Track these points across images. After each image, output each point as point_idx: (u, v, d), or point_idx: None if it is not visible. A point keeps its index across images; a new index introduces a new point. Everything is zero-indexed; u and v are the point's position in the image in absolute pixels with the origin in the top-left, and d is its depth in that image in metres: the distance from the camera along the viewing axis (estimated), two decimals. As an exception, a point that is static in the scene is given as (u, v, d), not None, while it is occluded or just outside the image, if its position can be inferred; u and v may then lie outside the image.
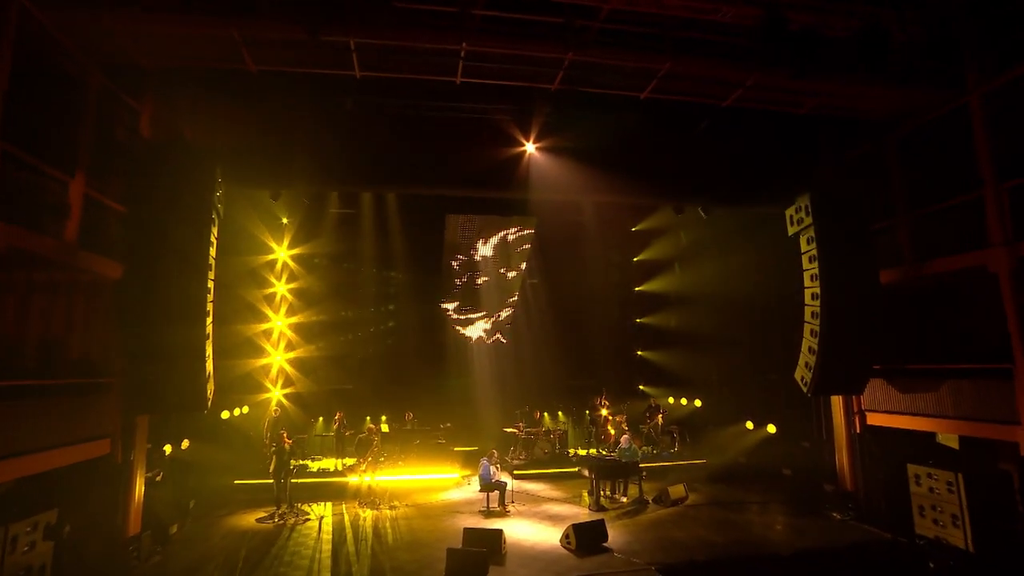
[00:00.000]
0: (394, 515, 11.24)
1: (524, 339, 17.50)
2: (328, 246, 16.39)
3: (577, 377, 17.65)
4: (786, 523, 10.80)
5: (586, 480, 12.51)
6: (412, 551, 9.30)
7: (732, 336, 15.26)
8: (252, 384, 15.32)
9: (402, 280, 17.01)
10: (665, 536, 9.98)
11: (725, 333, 15.51)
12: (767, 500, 12.23)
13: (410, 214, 15.58)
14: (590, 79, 8.88)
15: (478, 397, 16.88)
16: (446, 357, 17.17)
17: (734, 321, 14.96)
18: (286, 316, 16.41)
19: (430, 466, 13.99)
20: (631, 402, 16.78)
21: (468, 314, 17.07)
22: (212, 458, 12.33)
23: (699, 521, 10.84)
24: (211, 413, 13.01)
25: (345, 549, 9.41)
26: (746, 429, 14.46)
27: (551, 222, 16.47)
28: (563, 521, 10.48)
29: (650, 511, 11.53)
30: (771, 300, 13.44)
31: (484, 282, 16.68)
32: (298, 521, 10.80)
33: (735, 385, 15.66)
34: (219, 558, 8.95)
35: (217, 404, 13.34)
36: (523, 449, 15.24)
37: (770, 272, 13.05)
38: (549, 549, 9.32)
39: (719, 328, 15.59)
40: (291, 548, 9.43)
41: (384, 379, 16.73)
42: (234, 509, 11.47)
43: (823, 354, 10.03)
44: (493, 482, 11.49)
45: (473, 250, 16.25)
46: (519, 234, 16.27)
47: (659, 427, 15.88)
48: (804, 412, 12.81)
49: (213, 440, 12.56)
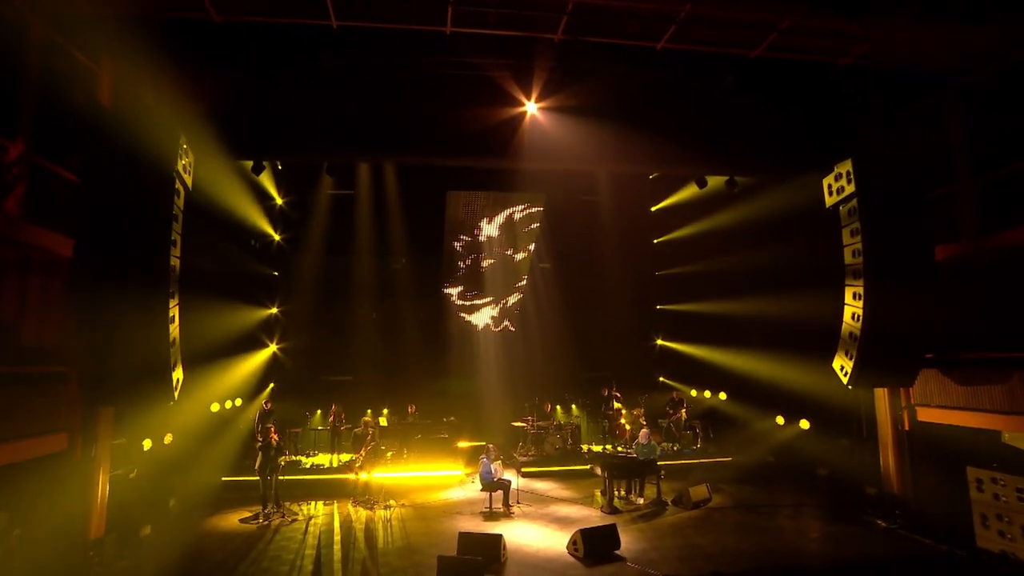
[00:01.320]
0: (389, 516, 10.60)
1: (534, 327, 16.60)
2: (324, 229, 15.72)
3: (592, 368, 16.79)
4: (822, 530, 9.84)
5: (600, 479, 11.74)
6: (403, 557, 8.64)
7: (761, 323, 14.27)
8: (244, 375, 14.78)
9: (403, 264, 16.26)
10: (685, 543, 9.15)
11: (753, 320, 14.55)
12: (800, 503, 11.27)
13: (410, 192, 14.73)
14: (598, 26, 7.92)
15: (484, 389, 16.12)
16: (450, 346, 16.41)
17: (763, 306, 13.92)
18: (279, 304, 15.82)
19: (432, 463, 13.33)
20: (651, 395, 15.86)
21: (473, 300, 16.22)
22: (199, 454, 11.89)
23: (724, 526, 9.97)
24: (200, 406, 12.89)
25: (330, 554, 8.77)
26: (776, 424, 13.53)
27: (561, 200, 15.47)
28: (572, 524, 9.77)
29: (669, 514, 10.69)
30: (806, 281, 12.37)
31: (490, 265, 15.76)
32: (284, 522, 10.22)
33: (764, 376, 14.63)
34: (190, 563, 8.37)
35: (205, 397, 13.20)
36: (532, 445, 14.48)
37: (804, 251, 11.97)
38: (554, 556, 8.58)
39: (747, 315, 14.62)
40: (271, 552, 8.81)
41: (385, 370, 16.06)
42: (219, 508, 10.93)
43: (867, 341, 9.00)
44: (495, 481, 10.76)
45: (477, 230, 15.27)
46: (526, 212, 15.24)
47: (681, 422, 14.98)
48: (842, 406, 11.77)
49: (201, 435, 12.05)
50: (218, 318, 13.53)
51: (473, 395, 16.09)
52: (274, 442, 10.67)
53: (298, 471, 12.92)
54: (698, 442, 14.93)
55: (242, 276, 14.75)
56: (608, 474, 11.01)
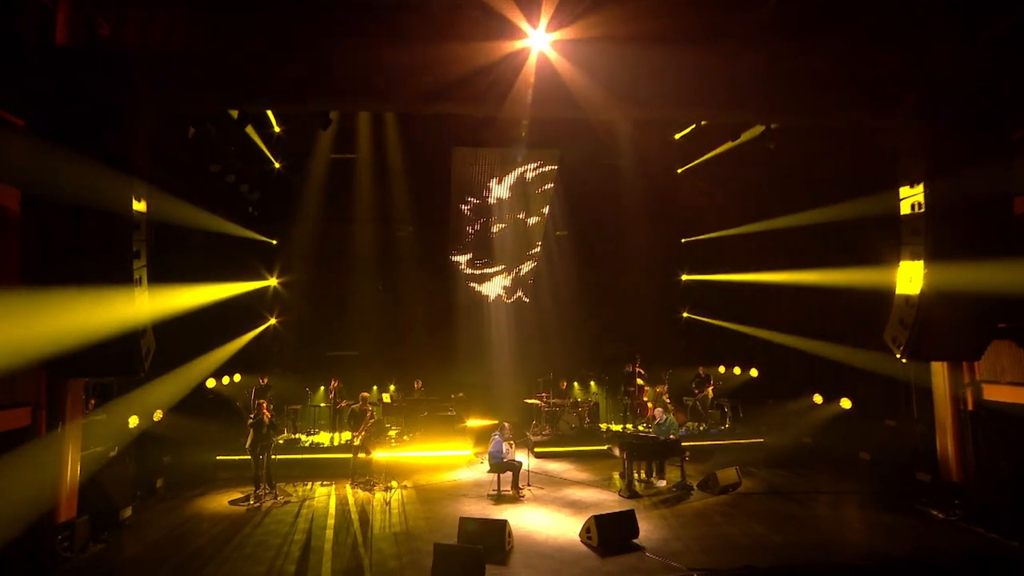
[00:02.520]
0: (389, 498, 10.03)
1: (549, 298, 15.73)
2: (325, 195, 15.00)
3: (612, 343, 15.95)
4: (869, 520, 8.96)
5: (618, 460, 11.03)
6: (399, 543, 8.07)
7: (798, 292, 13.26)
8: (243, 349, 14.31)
9: (409, 231, 15.52)
10: (712, 532, 8.38)
11: (789, 289, 13.53)
12: (841, 490, 10.37)
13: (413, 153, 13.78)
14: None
15: (495, 364, 15.41)
16: (460, 318, 15.68)
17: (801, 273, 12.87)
18: (279, 275, 15.24)
19: (438, 442, 12.74)
20: (675, 371, 14.99)
21: (483, 268, 15.37)
22: (193, 431, 11.44)
23: (755, 514, 9.15)
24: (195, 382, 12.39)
25: (321, 539, 8.21)
26: (813, 403, 12.63)
27: (577, 159, 14.39)
28: (587, 509, 9.13)
29: (694, 499, 9.92)
30: (853, 241, 11.31)
31: (500, 230, 14.82)
32: (276, 504, 9.72)
33: (800, 351, 13.66)
34: (171, 547, 7.89)
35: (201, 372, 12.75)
36: (546, 423, 13.78)
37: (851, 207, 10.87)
38: (566, 545, 7.90)
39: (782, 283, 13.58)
40: (258, 536, 8.29)
41: (390, 344, 15.49)
42: (210, 489, 10.50)
43: (926, 308, 7.96)
44: (505, 461, 10.10)
45: (486, 191, 14.26)
46: (539, 171, 14.15)
47: (708, 400, 14.12)
48: (888, 383, 10.88)
49: (196, 412, 11.62)
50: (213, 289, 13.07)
51: (483, 370, 15.43)
52: (266, 419, 10.12)
53: (296, 450, 12.48)
54: (726, 422, 14.10)
55: (239, 244, 14.20)
56: (628, 455, 10.24)
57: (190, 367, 11.55)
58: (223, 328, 13.12)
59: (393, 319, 15.62)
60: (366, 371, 15.08)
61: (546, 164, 13.96)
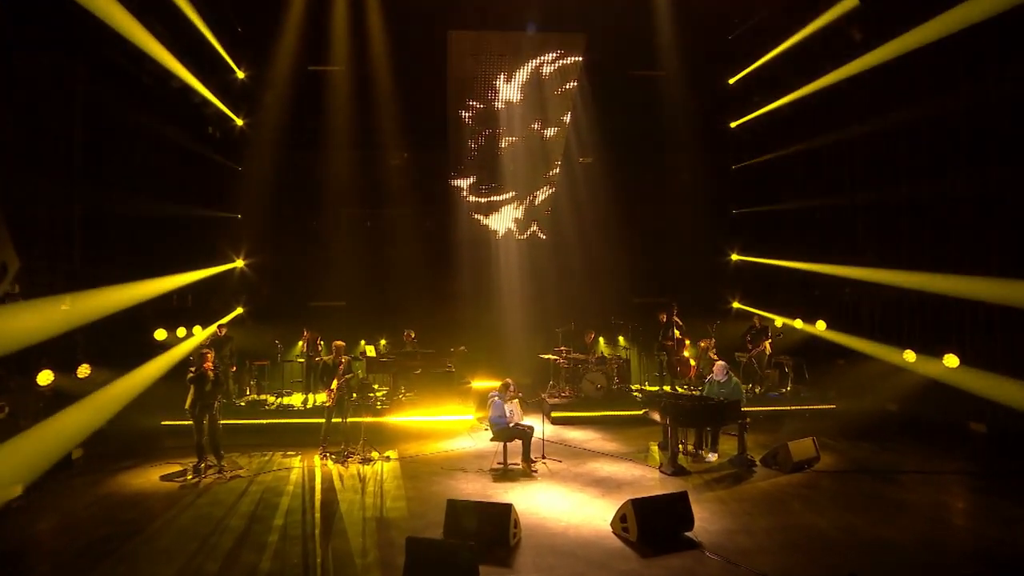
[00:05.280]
0: (367, 473, 8.30)
1: (570, 234, 13.67)
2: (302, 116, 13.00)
3: (646, 291, 13.93)
4: (1002, 512, 6.91)
5: (656, 428, 9.25)
6: (370, 533, 6.42)
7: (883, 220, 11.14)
8: (203, 295, 12.60)
9: (403, 159, 13.49)
10: (791, 523, 6.49)
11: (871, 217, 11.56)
12: (950, 470, 8.30)
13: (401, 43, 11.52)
14: None
15: (505, 313, 13.54)
16: (462, 258, 13.72)
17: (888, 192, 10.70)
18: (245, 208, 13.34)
19: (434, 405, 10.97)
20: (722, 323, 12.97)
21: (490, 195, 13.21)
22: (137, 392, 9.77)
23: (845, 499, 7.23)
24: (143, 334, 10.77)
25: (267, 526, 6.46)
26: (902, 362, 10.53)
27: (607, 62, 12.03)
28: (619, 490, 7.39)
29: (758, 478, 8.02)
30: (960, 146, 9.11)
31: (510, 145, 12.44)
32: (221, 479, 8.03)
33: (885, 298, 11.56)
34: (61, 538, 6.20)
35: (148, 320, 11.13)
36: (566, 383, 11.88)
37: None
38: (592, 537, 6.10)
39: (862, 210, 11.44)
40: (183, 523, 6.56)
41: (381, 290, 13.66)
42: (145, 460, 8.81)
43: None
44: (511, 427, 8.28)
45: (492, 92, 11.82)
46: (559, 64, 11.61)
47: (765, 358, 12.07)
48: (1005, 337, 9.16)
49: (144, 369, 9.88)
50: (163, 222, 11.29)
51: (490, 320, 13.63)
52: (210, 373, 8.31)
53: (262, 414, 10.83)
54: (787, 384, 12.13)
55: (196, 168, 12.31)
56: (672, 420, 8.29)
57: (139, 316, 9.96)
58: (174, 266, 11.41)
59: (385, 262, 13.73)
60: (353, 323, 13.29)
61: (568, 54, 11.40)
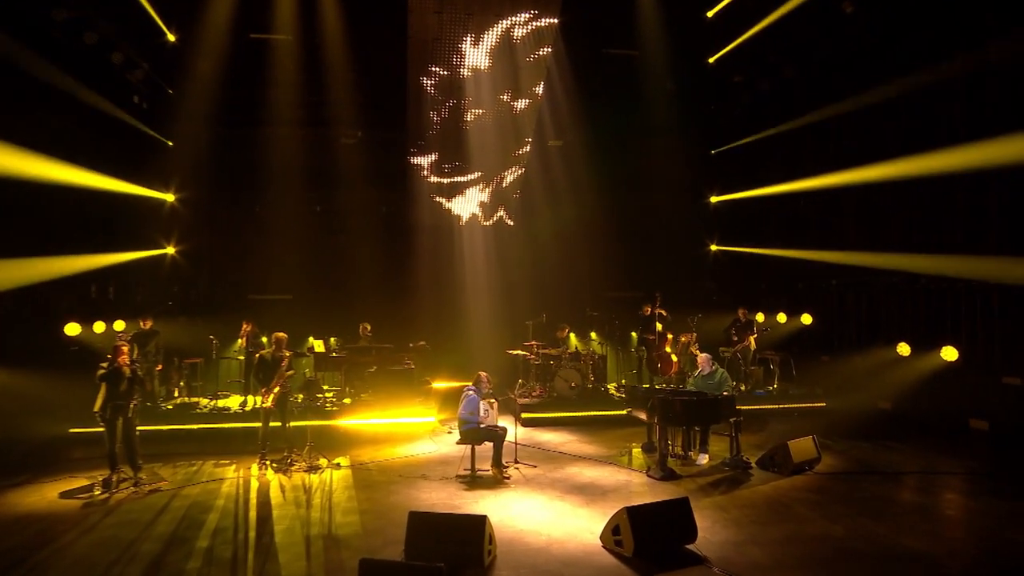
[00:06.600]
0: (314, 482, 7.31)
1: (541, 220, 12.97)
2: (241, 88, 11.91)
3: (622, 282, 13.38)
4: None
5: (637, 430, 8.69)
6: (315, 554, 5.48)
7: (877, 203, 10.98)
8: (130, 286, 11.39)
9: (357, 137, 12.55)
10: (803, 532, 5.84)
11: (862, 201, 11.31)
12: (959, 471, 7.80)
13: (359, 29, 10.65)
14: None
15: (470, 305, 12.79)
16: (422, 245, 12.85)
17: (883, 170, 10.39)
18: (177, 190, 12.14)
19: (391, 406, 10.04)
20: (703, 316, 12.42)
21: (454, 175, 12.31)
22: (39, 395, 8.93)
23: (857, 503, 6.61)
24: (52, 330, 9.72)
25: (186, 550, 5.42)
26: (895, 356, 10.34)
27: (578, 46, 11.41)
28: (604, 497, 6.70)
29: (757, 481, 7.39)
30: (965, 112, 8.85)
31: (477, 118, 11.52)
32: (137, 494, 6.91)
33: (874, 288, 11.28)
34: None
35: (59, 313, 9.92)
36: (536, 381, 11.09)
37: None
38: (579, 553, 5.33)
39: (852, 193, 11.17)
40: (79, 550, 5.47)
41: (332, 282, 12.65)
42: (44, 473, 7.61)
43: None
44: (483, 428, 7.43)
45: (457, 57, 10.84)
46: (533, 27, 10.72)
47: (750, 353, 11.55)
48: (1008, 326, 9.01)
49: (50, 368, 9.07)
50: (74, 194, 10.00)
51: (453, 313, 12.85)
52: (125, 369, 7.17)
53: (192, 418, 9.72)
54: (774, 381, 11.72)
55: (118, 140, 11.02)
56: (661, 419, 7.57)
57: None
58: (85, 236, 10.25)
59: (335, 250, 12.71)
60: (301, 318, 12.20)
61: (543, 15, 10.53)
